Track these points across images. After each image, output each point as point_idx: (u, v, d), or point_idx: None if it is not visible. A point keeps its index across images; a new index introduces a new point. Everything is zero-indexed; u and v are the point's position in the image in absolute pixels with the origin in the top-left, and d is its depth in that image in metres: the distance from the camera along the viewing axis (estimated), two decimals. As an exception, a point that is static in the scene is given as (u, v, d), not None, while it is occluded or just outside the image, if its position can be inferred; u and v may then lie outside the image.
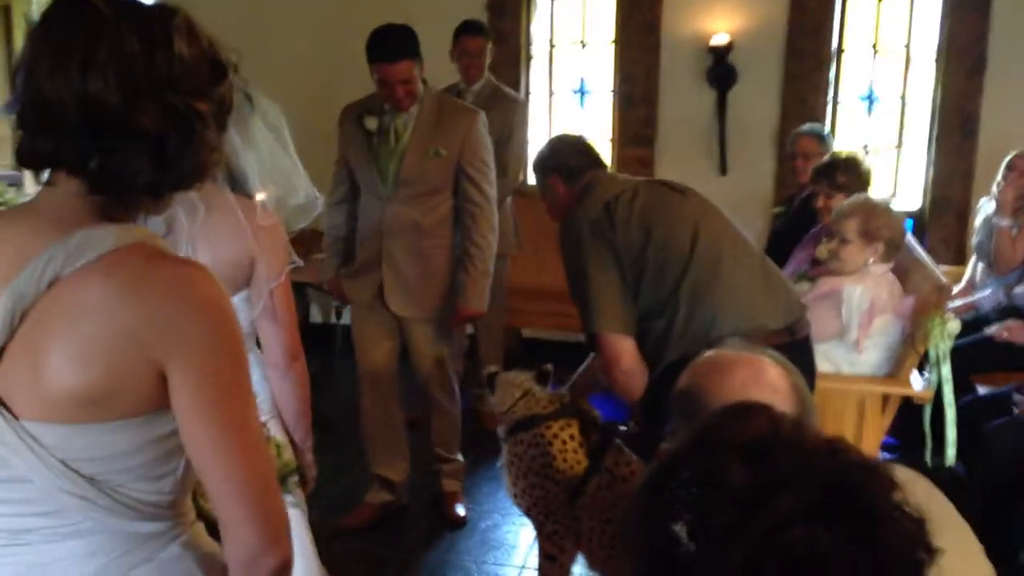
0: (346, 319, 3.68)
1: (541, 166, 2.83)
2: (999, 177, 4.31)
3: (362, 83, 5.58)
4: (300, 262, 2.05)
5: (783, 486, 0.81)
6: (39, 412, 1.09)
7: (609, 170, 2.79)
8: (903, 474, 1.47)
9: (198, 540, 1.24)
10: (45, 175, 1.15)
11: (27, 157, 1.13)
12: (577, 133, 3.16)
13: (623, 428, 2.80)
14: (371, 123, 3.33)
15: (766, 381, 1.49)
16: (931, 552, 0.85)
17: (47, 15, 1.11)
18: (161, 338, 1.09)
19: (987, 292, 4.28)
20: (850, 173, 3.71)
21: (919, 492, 1.45)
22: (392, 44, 3.13)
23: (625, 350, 2.49)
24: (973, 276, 4.50)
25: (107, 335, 1.08)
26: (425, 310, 3.42)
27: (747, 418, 0.92)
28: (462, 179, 3.33)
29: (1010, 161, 4.23)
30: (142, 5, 1.12)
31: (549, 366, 2.98)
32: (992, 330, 3.87)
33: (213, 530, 1.27)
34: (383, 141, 3.34)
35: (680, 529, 0.84)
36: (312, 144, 2.83)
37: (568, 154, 2.77)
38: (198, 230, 1.87)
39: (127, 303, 1.08)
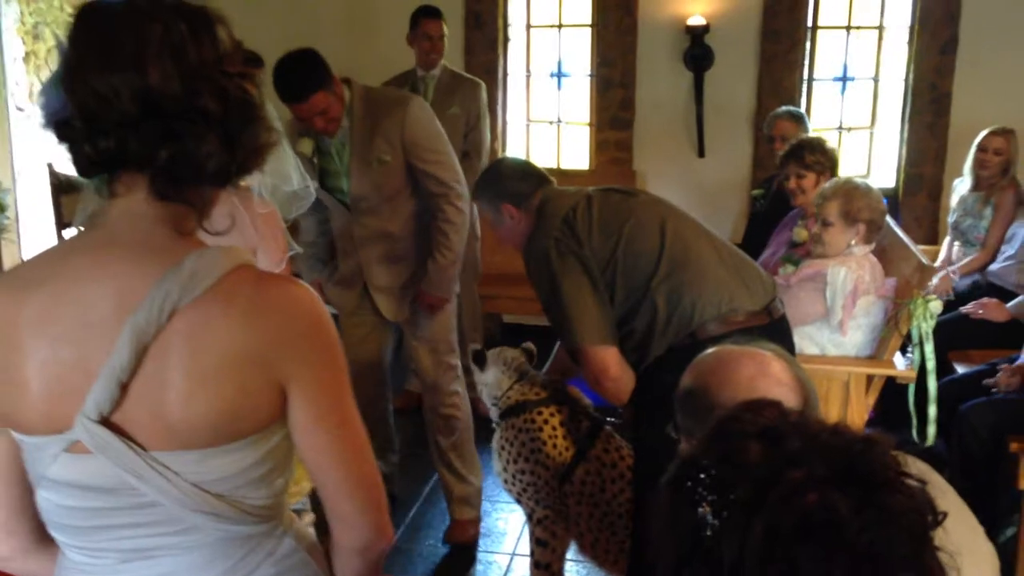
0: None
1: (490, 195, 2.73)
2: (970, 157, 4.38)
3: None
4: (299, 249, 2.06)
5: (796, 461, 0.88)
6: (168, 442, 1.10)
7: (554, 183, 2.74)
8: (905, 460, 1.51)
9: (301, 531, 1.28)
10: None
11: (89, 162, 1.10)
12: (514, 155, 3.15)
13: (611, 420, 2.83)
14: (306, 147, 3.17)
15: (772, 375, 1.51)
16: (936, 515, 0.91)
17: (83, 17, 1.10)
18: (282, 358, 1.12)
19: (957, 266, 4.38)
20: (817, 153, 3.78)
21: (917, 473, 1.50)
22: (295, 83, 2.93)
23: (611, 360, 2.48)
24: (949, 255, 4.58)
25: (232, 361, 1.09)
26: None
27: (759, 410, 0.99)
28: (417, 174, 3.18)
29: (980, 142, 4.31)
30: None
31: (531, 344, 3.01)
32: (968, 308, 3.94)
33: None
34: (327, 161, 3.22)
35: (704, 511, 0.89)
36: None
37: (516, 179, 2.70)
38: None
39: (248, 328, 1.10)
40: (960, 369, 3.84)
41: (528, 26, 5.66)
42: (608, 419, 2.84)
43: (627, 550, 2.70)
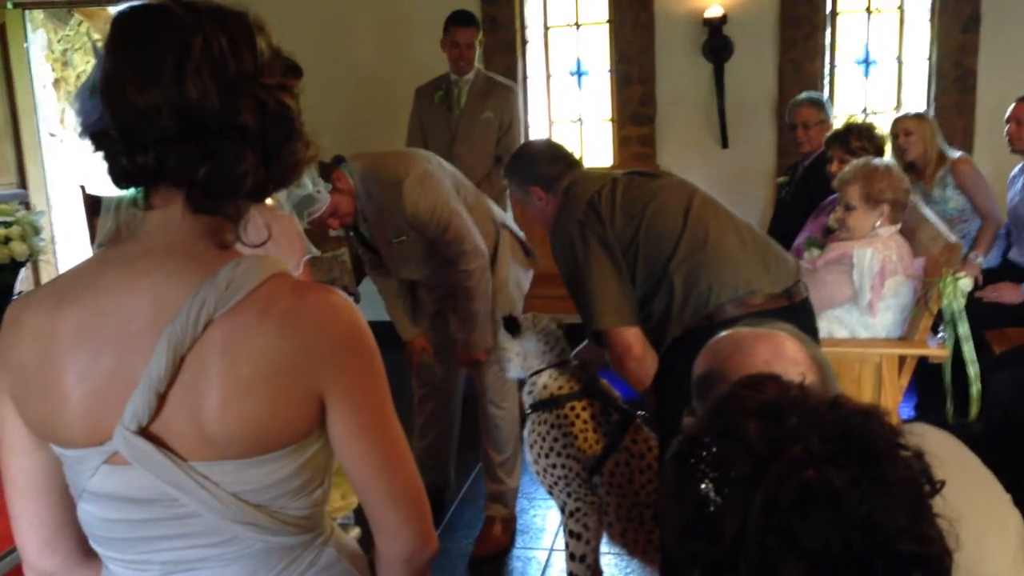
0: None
1: (519, 178, 2.79)
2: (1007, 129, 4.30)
3: (355, 75, 5.64)
4: (316, 251, 2.07)
5: (793, 437, 0.90)
6: (207, 452, 1.10)
7: (583, 166, 2.80)
8: (924, 430, 1.51)
9: (342, 541, 1.28)
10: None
11: (126, 175, 1.10)
12: (544, 138, 3.15)
13: (641, 412, 2.82)
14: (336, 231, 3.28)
15: (787, 355, 1.51)
16: (933, 483, 0.93)
17: (121, 27, 1.08)
18: (319, 368, 1.11)
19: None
20: (864, 138, 3.78)
21: (941, 445, 1.49)
22: None
23: (634, 341, 2.51)
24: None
25: (269, 371, 1.08)
26: None
27: (758, 386, 1.00)
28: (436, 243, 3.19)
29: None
30: (214, 4, 1.09)
31: (559, 317, 3.02)
32: (983, 291, 3.88)
33: None
34: (361, 239, 3.29)
35: (707, 486, 0.91)
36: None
37: (545, 162, 2.76)
38: None
39: (284, 339, 1.09)
40: (998, 351, 3.79)
41: (545, 27, 5.68)
42: (638, 412, 2.84)
43: (655, 541, 2.71)
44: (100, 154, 1.10)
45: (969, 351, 3.04)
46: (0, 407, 1.16)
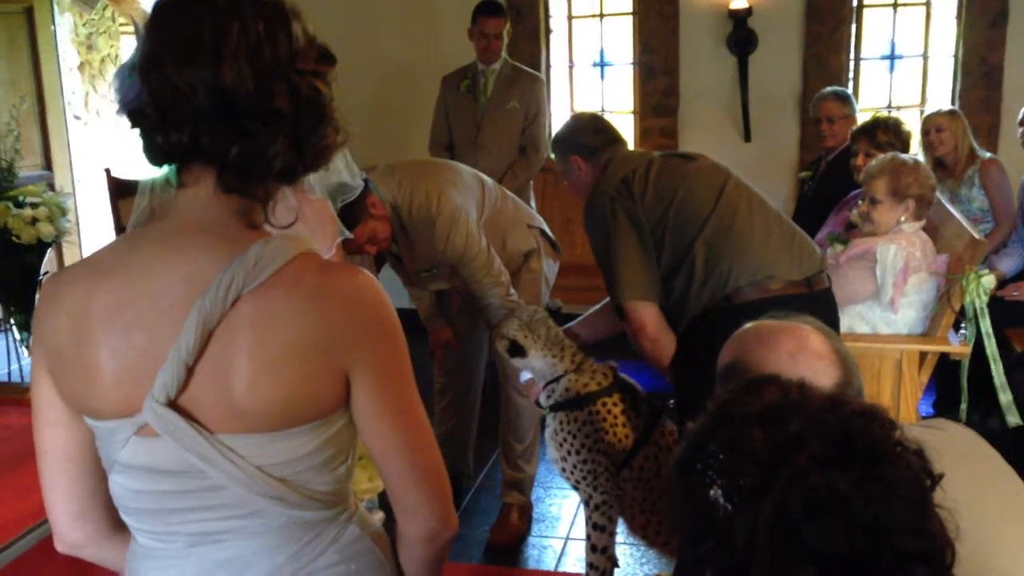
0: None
1: (562, 146, 2.88)
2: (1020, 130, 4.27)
3: (381, 64, 5.66)
4: (349, 234, 2.08)
5: (797, 444, 0.93)
6: (233, 425, 1.12)
7: (627, 145, 2.86)
8: (944, 425, 1.51)
9: (366, 519, 1.30)
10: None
11: (161, 152, 1.12)
12: (593, 110, 3.18)
13: (672, 401, 2.82)
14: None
15: (811, 349, 1.51)
16: (933, 477, 0.96)
17: (162, 9, 1.11)
18: (345, 345, 1.13)
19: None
20: (891, 133, 3.77)
21: (962, 440, 1.49)
22: None
23: (649, 318, 2.59)
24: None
25: (296, 346, 1.11)
26: None
27: (759, 390, 1.03)
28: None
29: None
30: None
31: (555, 302, 3.01)
32: (1003, 291, 3.85)
33: None
34: (389, 258, 3.31)
35: (716, 493, 0.94)
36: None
37: (587, 133, 2.84)
38: None
39: (312, 314, 1.11)
40: (1019, 348, 3.77)
41: (569, 17, 5.67)
42: (670, 401, 2.82)
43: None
44: (136, 131, 1.12)
45: (991, 348, 3.02)
46: (36, 379, 1.19)
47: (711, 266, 2.52)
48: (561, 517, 3.60)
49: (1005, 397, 3.09)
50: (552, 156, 3.06)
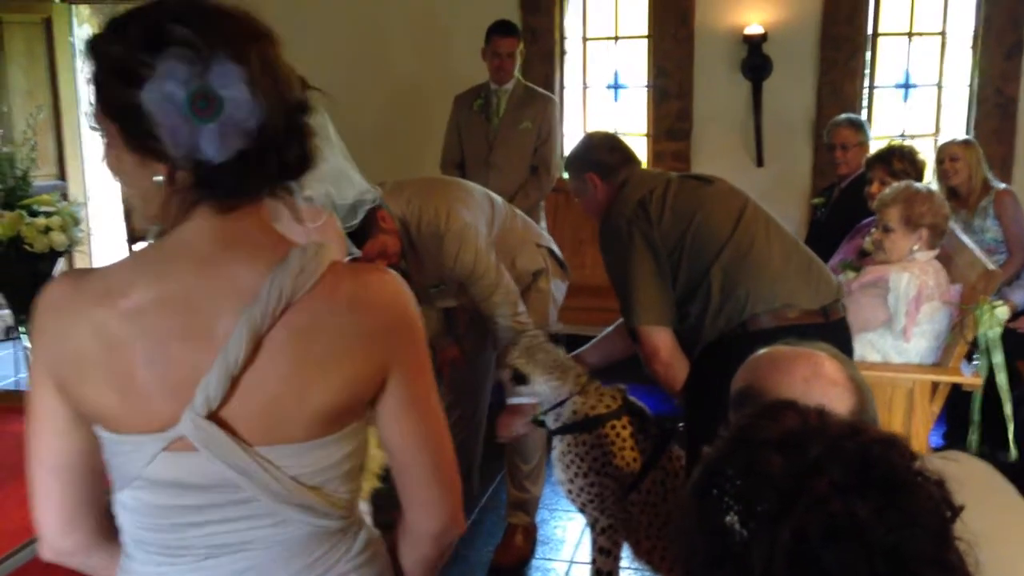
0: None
1: (577, 164, 2.86)
2: None
3: (394, 83, 5.68)
4: (358, 252, 2.07)
5: (817, 470, 0.91)
6: (273, 436, 1.12)
7: (642, 165, 2.84)
8: (959, 456, 1.49)
9: (369, 526, 1.30)
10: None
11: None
12: (608, 129, 3.17)
13: (681, 424, 2.80)
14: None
15: (825, 375, 1.50)
16: (954, 509, 0.94)
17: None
18: (385, 347, 1.16)
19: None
20: (907, 161, 3.77)
21: (976, 472, 1.48)
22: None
23: (663, 343, 2.57)
24: None
25: (340, 353, 1.12)
26: None
27: (777, 416, 1.01)
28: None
29: None
30: (231, 17, 1.10)
31: (555, 328, 2.99)
32: (1016, 323, 3.83)
33: None
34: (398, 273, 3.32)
35: (732, 519, 0.93)
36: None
37: (604, 151, 2.82)
38: None
39: (353, 320, 1.13)
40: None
41: (584, 39, 5.69)
42: (679, 424, 2.80)
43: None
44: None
45: (1003, 380, 3.00)
46: (39, 389, 1.16)
47: (727, 292, 2.50)
48: (566, 540, 3.57)
49: (1011, 429, 3.06)
50: (565, 175, 3.04)
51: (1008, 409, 3.03)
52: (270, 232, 1.16)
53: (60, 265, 3.23)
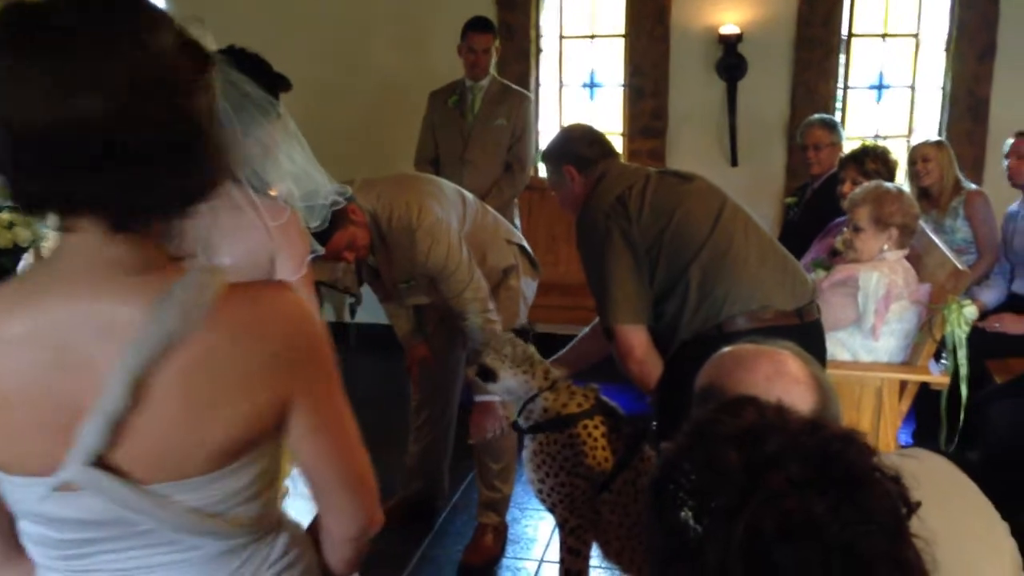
0: (360, 318, 3.66)
1: (555, 156, 2.82)
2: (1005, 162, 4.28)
3: (371, 78, 5.65)
4: (321, 250, 2.04)
5: (773, 465, 0.91)
6: (168, 474, 1.05)
7: (620, 159, 2.82)
8: (922, 455, 1.49)
9: (290, 525, 1.27)
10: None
11: (32, 201, 1.01)
12: (587, 123, 3.13)
13: (655, 425, 2.78)
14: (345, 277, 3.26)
15: (788, 373, 1.50)
16: (910, 505, 0.94)
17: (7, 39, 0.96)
18: (286, 373, 1.10)
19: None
20: (879, 162, 3.79)
21: (939, 471, 1.47)
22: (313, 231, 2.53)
23: (638, 341, 2.55)
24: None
25: (235, 388, 1.06)
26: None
27: (737, 411, 1.01)
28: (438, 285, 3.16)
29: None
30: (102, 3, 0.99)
31: (525, 325, 2.99)
32: (984, 322, 3.85)
33: None
34: (367, 271, 3.25)
35: (686, 515, 0.92)
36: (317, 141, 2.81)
37: (583, 143, 2.78)
38: (215, 232, 1.88)
39: (248, 351, 1.06)
40: (999, 380, 3.76)
41: (560, 36, 5.67)
42: (651, 424, 2.79)
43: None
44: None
45: (963, 376, 3.01)
46: None
47: (705, 292, 2.48)
48: (536, 539, 3.56)
49: (959, 424, 3.07)
50: (542, 174, 3.02)
51: (963, 401, 3.04)
52: (157, 259, 1.05)
53: (25, 261, 3.18)
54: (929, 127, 5.31)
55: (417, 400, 3.60)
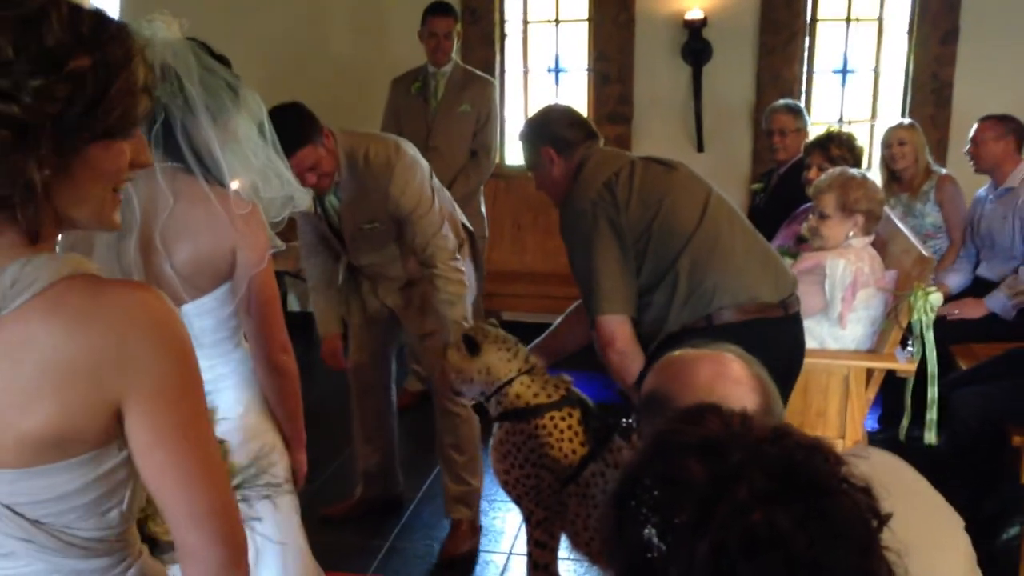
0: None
1: (533, 136, 2.73)
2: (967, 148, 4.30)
3: (331, 65, 5.56)
4: (282, 245, 2.00)
5: (737, 476, 0.88)
6: None
7: (601, 142, 2.74)
8: (868, 452, 1.47)
9: (147, 569, 1.19)
10: None
11: None
12: (567, 104, 3.06)
13: (626, 420, 2.76)
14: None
15: (730, 375, 1.49)
16: (880, 517, 0.92)
17: None
18: (117, 373, 1.02)
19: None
20: (844, 148, 3.79)
21: (885, 468, 1.46)
22: (279, 138, 2.36)
23: (620, 332, 2.50)
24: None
25: (56, 375, 1.00)
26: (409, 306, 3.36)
27: (699, 420, 0.98)
28: (402, 224, 3.12)
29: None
30: None
31: (493, 321, 2.96)
32: (944, 309, 3.85)
33: (154, 547, 1.24)
34: (324, 215, 3.18)
35: (649, 532, 0.89)
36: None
37: (563, 124, 2.70)
38: (174, 222, 1.83)
39: (76, 339, 1.00)
40: (964, 366, 3.77)
41: (525, 21, 5.62)
42: (624, 420, 2.77)
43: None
44: None
45: (932, 366, 3.01)
46: None
47: (695, 283, 2.44)
48: (505, 531, 3.53)
49: (931, 415, 3.08)
50: (509, 152, 2.97)
51: (932, 393, 3.05)
52: (13, 241, 1.02)
53: None
54: (893, 111, 5.33)
55: (358, 400, 3.51)
